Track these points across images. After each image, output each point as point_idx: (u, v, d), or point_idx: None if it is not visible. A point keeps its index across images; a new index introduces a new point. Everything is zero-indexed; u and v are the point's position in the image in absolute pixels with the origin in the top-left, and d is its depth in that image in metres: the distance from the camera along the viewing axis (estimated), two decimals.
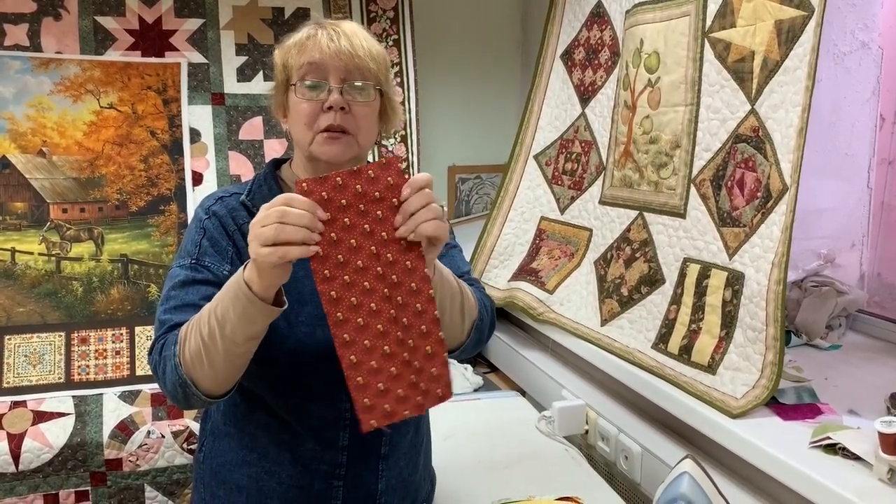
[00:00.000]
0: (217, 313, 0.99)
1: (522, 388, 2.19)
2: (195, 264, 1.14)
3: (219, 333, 0.98)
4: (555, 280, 2.04)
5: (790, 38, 1.36)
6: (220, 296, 1.00)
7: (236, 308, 0.96)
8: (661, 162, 1.68)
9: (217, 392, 1.06)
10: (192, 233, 1.18)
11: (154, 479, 1.91)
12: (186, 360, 1.03)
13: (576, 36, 2.17)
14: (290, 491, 1.21)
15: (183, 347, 1.03)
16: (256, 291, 0.95)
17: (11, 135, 2.05)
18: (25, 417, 1.87)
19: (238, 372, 1.06)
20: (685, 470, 1.10)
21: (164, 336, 1.09)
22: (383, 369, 0.98)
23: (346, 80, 1.14)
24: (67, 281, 2.05)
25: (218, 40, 2.26)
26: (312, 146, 1.15)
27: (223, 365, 1.02)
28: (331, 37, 1.14)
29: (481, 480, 1.56)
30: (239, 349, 1.01)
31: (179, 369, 1.03)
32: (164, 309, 1.12)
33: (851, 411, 1.37)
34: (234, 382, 1.08)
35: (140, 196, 2.14)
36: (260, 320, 0.98)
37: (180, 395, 1.06)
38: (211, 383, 1.04)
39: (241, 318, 0.97)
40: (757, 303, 1.36)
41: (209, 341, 0.99)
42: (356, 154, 1.18)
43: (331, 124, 1.13)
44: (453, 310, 1.14)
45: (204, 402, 1.08)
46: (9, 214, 2.04)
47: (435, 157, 2.70)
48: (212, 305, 1.01)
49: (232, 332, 0.98)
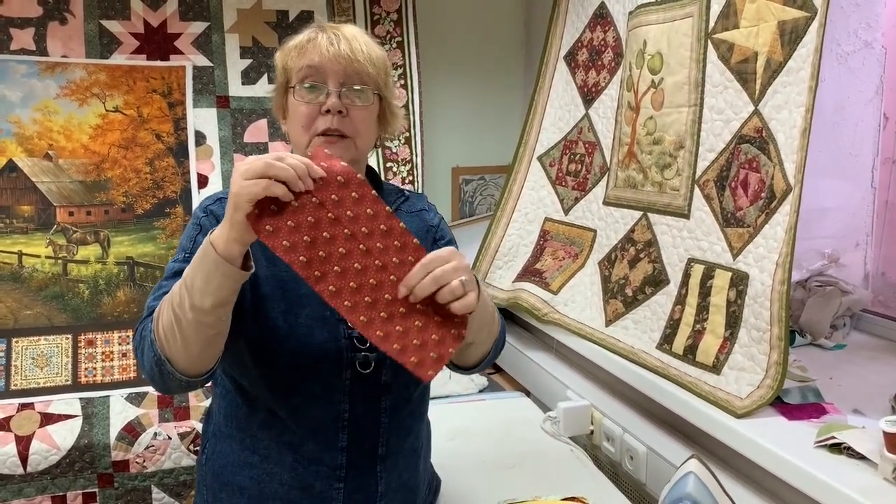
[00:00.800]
0: (186, 281, 0.98)
1: (527, 389, 2.19)
2: (188, 257, 1.13)
3: (188, 302, 0.97)
4: (559, 281, 2.04)
5: (793, 38, 1.36)
6: (190, 263, 0.99)
7: (203, 271, 0.95)
8: (665, 163, 1.68)
9: (192, 371, 1.05)
10: (188, 230, 1.19)
11: (161, 481, 1.92)
12: (160, 335, 1.02)
13: (579, 37, 2.18)
14: (292, 492, 1.21)
15: (157, 323, 1.03)
16: (220, 251, 0.94)
17: (18, 138, 2.06)
18: (33, 419, 1.88)
19: (211, 348, 1.04)
20: (691, 470, 1.11)
21: (146, 319, 1.09)
22: (393, 317, 0.99)
23: (344, 83, 1.14)
24: (74, 283, 2.06)
25: (222, 43, 2.27)
26: (309, 149, 1.15)
27: (195, 337, 1.00)
28: (331, 40, 1.14)
29: (487, 481, 1.57)
30: (208, 318, 0.98)
31: (155, 345, 1.02)
32: (152, 297, 1.13)
33: (856, 411, 1.37)
34: (211, 363, 1.07)
35: (146, 199, 2.15)
36: (226, 284, 0.96)
37: (157, 374, 1.05)
38: (185, 360, 1.03)
39: (206, 281, 0.95)
40: (761, 303, 1.37)
41: (179, 311, 0.98)
42: (354, 157, 1.18)
43: (328, 128, 1.13)
44: (485, 333, 1.17)
45: (180, 383, 1.06)
46: (16, 218, 2.05)
47: (439, 159, 2.70)
48: (183, 275, 1.00)
49: (201, 298, 0.96)
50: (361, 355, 1.18)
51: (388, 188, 1.34)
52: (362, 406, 1.20)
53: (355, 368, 1.18)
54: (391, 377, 1.21)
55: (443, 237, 1.35)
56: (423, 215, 1.34)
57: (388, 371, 1.21)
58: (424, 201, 1.39)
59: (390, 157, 2.43)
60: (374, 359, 1.19)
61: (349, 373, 1.18)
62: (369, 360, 1.19)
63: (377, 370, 1.20)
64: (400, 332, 0.99)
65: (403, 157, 2.44)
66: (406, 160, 2.44)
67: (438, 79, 2.65)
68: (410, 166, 2.44)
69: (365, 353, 1.19)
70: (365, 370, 1.19)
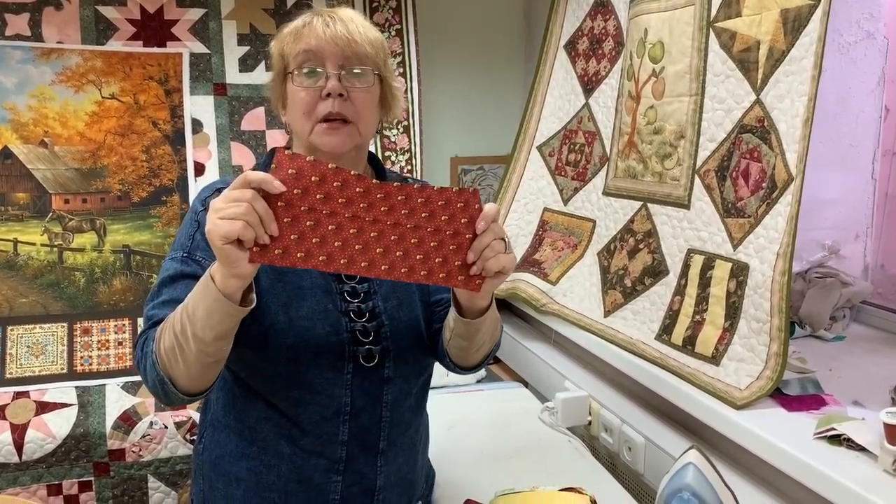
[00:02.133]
0: (188, 310, 0.97)
1: (525, 380, 2.19)
2: (186, 258, 1.12)
3: (190, 331, 0.96)
4: (558, 271, 2.03)
5: (796, 27, 1.35)
6: (193, 291, 0.98)
7: (204, 305, 0.94)
8: (666, 152, 1.67)
9: (194, 390, 1.05)
10: (186, 225, 1.17)
11: (157, 470, 1.92)
12: (162, 356, 1.02)
13: (579, 26, 2.16)
14: (289, 484, 1.20)
15: (159, 344, 1.02)
16: (219, 287, 0.92)
17: (13, 125, 2.05)
18: (28, 408, 1.87)
19: (212, 372, 1.04)
20: (690, 461, 1.10)
21: (147, 331, 1.08)
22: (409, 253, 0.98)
23: (343, 66, 1.12)
24: (70, 272, 2.04)
25: (220, 30, 2.25)
26: (312, 136, 1.13)
27: (196, 363, 1.00)
28: (326, 23, 1.12)
29: (485, 471, 1.56)
30: (209, 349, 0.98)
31: (157, 366, 1.02)
32: (152, 304, 1.11)
33: (856, 402, 1.37)
34: (211, 382, 1.07)
35: (142, 187, 2.13)
36: (226, 320, 0.95)
37: (160, 391, 1.05)
38: (186, 381, 1.03)
39: (208, 315, 0.94)
40: (761, 294, 1.36)
41: (181, 339, 0.98)
42: (358, 143, 1.16)
43: (330, 112, 1.11)
44: (487, 336, 1.17)
45: (183, 400, 1.06)
46: (11, 205, 2.04)
47: (438, 148, 2.69)
48: (185, 302, 0.99)
49: (202, 329, 0.95)
50: (364, 349, 1.17)
51: (390, 175, 1.32)
52: (363, 400, 1.19)
53: (357, 362, 1.17)
54: (394, 371, 1.20)
55: None
56: None
57: (392, 364, 1.20)
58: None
59: (389, 147, 2.42)
60: (377, 352, 1.18)
61: (351, 366, 1.17)
62: (373, 353, 1.18)
63: (381, 363, 1.19)
64: (401, 256, 0.96)
65: (402, 147, 2.42)
66: (405, 150, 2.43)
67: (437, 68, 2.63)
68: (409, 156, 2.43)
69: (369, 346, 1.17)
70: (368, 363, 1.18)
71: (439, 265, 0.98)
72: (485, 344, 1.19)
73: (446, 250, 0.98)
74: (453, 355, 1.22)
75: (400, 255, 0.97)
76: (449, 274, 0.99)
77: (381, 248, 0.96)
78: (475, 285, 1.01)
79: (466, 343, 1.16)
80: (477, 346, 1.17)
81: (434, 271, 0.98)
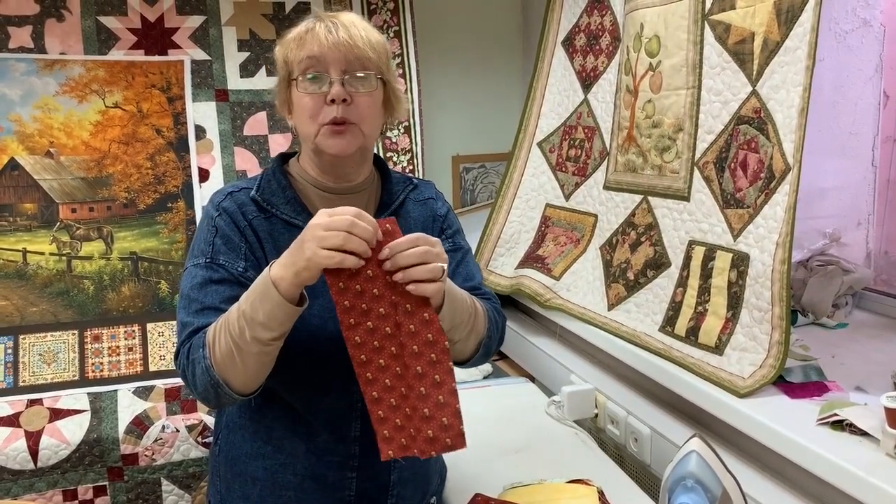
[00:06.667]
0: (246, 315, 1.01)
1: (531, 375, 2.20)
2: (210, 263, 1.15)
3: (249, 334, 1.01)
4: (561, 266, 2.05)
5: (790, 18, 1.36)
6: (248, 296, 1.03)
7: (264, 309, 1.00)
8: (665, 145, 1.69)
9: (248, 390, 1.09)
10: (203, 231, 1.19)
11: (170, 473, 1.94)
12: (218, 361, 1.05)
13: (576, 22, 2.17)
14: (305, 482, 1.22)
15: (213, 350, 1.05)
16: (283, 292, 0.98)
17: (19, 136, 2.07)
18: (42, 415, 1.90)
19: (268, 370, 1.09)
20: (693, 448, 1.11)
21: (188, 340, 1.11)
22: (400, 407, 1.03)
23: (346, 71, 1.14)
24: (79, 280, 2.07)
25: (220, 37, 2.27)
26: (318, 139, 1.15)
27: (254, 364, 1.05)
28: (329, 28, 1.14)
29: (493, 465, 1.58)
30: (267, 348, 1.03)
31: (212, 371, 1.05)
32: (186, 312, 1.13)
33: (858, 388, 1.38)
34: (263, 380, 1.11)
35: (147, 194, 2.16)
36: (287, 321, 1.02)
37: (212, 395, 1.08)
38: (242, 382, 1.07)
39: (269, 318, 1.00)
40: (762, 283, 1.37)
41: (240, 342, 1.02)
42: (362, 144, 1.18)
43: (335, 117, 1.13)
44: (464, 331, 1.17)
45: (235, 401, 1.11)
46: (19, 215, 2.06)
47: (439, 147, 2.71)
48: (239, 307, 1.03)
49: (263, 332, 1.01)
50: None
51: (395, 177, 1.32)
52: None
53: None
54: None
55: (450, 227, 1.34)
56: (431, 204, 1.34)
57: None
58: (432, 189, 1.38)
59: (390, 147, 2.43)
60: None
61: None
62: None
63: None
64: (398, 426, 1.04)
65: (403, 147, 2.44)
66: (406, 150, 2.44)
67: (436, 67, 2.65)
68: (410, 156, 2.44)
69: None
70: None
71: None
72: (461, 340, 1.18)
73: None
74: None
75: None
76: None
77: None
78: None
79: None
80: (455, 340, 1.16)
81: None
